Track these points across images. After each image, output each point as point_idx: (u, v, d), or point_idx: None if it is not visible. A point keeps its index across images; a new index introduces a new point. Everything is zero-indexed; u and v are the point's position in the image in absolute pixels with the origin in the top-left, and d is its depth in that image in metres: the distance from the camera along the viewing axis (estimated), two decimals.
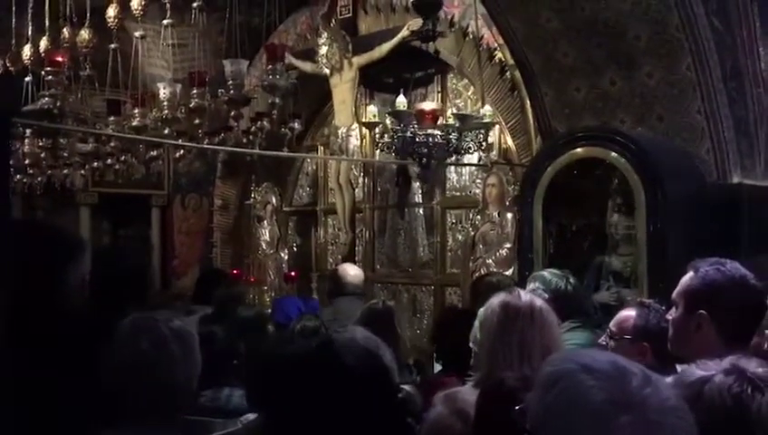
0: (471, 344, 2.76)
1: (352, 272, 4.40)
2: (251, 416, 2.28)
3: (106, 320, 2.23)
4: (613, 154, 4.29)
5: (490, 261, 5.96)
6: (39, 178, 5.48)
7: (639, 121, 4.58)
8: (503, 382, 1.64)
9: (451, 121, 4.35)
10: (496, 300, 2.11)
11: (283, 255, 7.72)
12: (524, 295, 2.12)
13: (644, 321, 2.54)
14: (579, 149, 4.46)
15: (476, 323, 2.62)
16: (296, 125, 4.93)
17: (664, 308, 2.51)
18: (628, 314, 2.57)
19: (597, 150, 4.40)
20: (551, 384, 1.13)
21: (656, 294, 3.28)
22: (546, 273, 2.98)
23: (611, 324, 2.60)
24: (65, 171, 5.42)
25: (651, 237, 4.21)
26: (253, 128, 4.41)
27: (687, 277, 2.18)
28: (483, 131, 4.56)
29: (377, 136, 4.90)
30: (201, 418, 2.35)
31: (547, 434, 1.10)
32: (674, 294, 2.22)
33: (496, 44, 5.48)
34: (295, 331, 2.73)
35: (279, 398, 1.46)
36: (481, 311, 2.15)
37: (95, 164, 5.19)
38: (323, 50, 6.68)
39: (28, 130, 4.64)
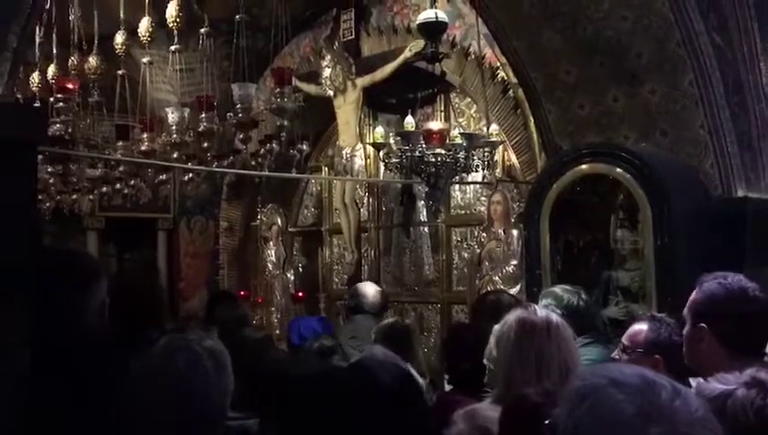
0: (485, 361, 2.78)
1: (371, 290, 4.42)
2: None
3: (126, 344, 2.26)
4: (618, 170, 4.32)
5: (496, 278, 5.97)
6: (47, 204, 5.52)
7: (643, 137, 4.62)
8: (525, 398, 1.65)
9: (458, 141, 4.39)
10: (512, 316, 2.13)
11: (289, 275, 7.74)
12: (540, 311, 2.14)
13: (656, 334, 2.56)
14: (584, 166, 4.50)
15: (491, 339, 2.64)
16: (304, 147, 4.98)
17: (675, 322, 2.54)
18: (640, 327, 2.59)
19: (602, 167, 4.44)
20: (580, 399, 1.14)
21: (664, 309, 3.30)
22: (558, 289, 3.00)
23: (624, 338, 2.62)
24: (74, 196, 5.46)
25: (658, 252, 4.23)
26: (262, 150, 4.46)
27: (694, 292, 2.21)
28: (489, 150, 4.60)
29: (383, 156, 4.94)
30: None
31: None
32: (684, 310, 2.25)
33: (499, 63, 5.54)
34: (312, 350, 2.74)
35: (311, 421, 1.47)
36: (497, 327, 2.17)
37: (104, 189, 5.23)
38: (327, 72, 6.75)
39: (39, 157, 4.68)
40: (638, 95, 4.54)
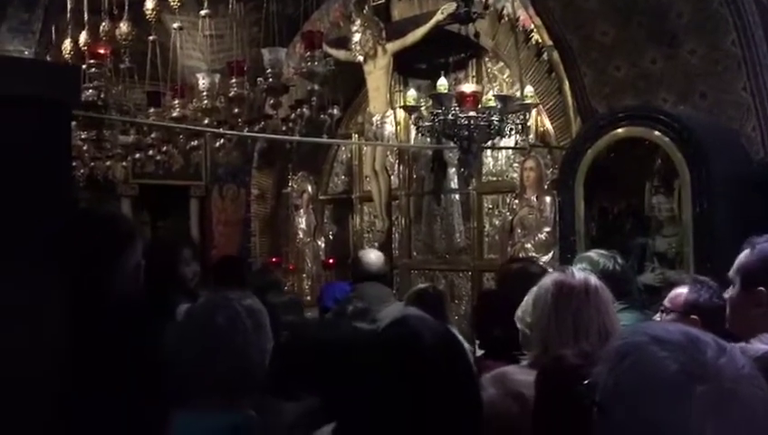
0: (518, 325, 2.75)
1: (374, 255, 4.35)
2: None
3: (161, 306, 2.28)
4: (656, 133, 4.23)
5: (529, 245, 5.93)
6: (82, 171, 5.58)
7: (682, 100, 4.51)
8: (563, 359, 1.62)
9: (491, 103, 4.31)
10: (549, 279, 2.10)
11: (320, 243, 7.77)
12: (578, 273, 2.09)
13: (696, 295, 2.52)
14: (620, 130, 4.41)
15: (524, 303, 2.61)
16: (335, 111, 4.94)
17: (717, 286, 2.49)
18: (682, 290, 2.55)
19: (639, 130, 4.35)
20: (621, 357, 1.11)
21: (702, 275, 3.24)
22: (593, 253, 2.94)
23: (665, 301, 2.58)
24: (107, 163, 5.51)
25: (697, 217, 4.15)
26: (292, 115, 4.43)
27: (744, 255, 2.15)
28: (523, 114, 4.51)
29: (414, 119, 4.87)
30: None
31: (618, 408, 1.09)
32: (731, 272, 2.19)
33: (533, 26, 5.42)
34: (346, 313, 2.74)
35: (353, 381, 1.47)
36: (533, 290, 2.13)
37: (137, 155, 5.27)
38: (357, 37, 6.67)
39: (73, 123, 4.72)
40: (677, 56, 4.41)
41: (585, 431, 1.36)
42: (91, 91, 3.86)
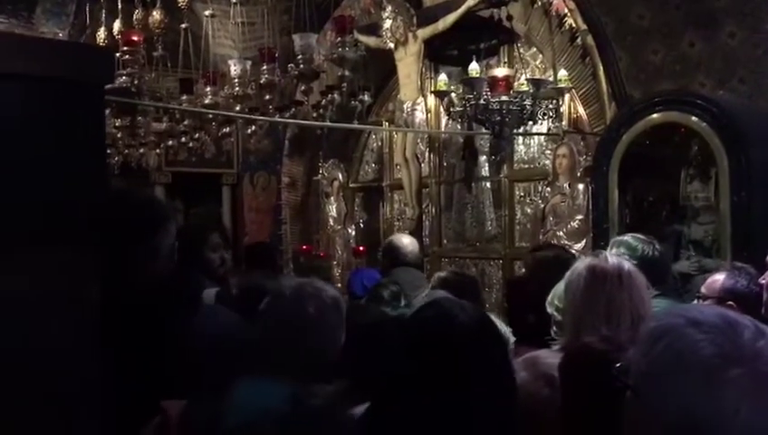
0: (550, 311, 2.72)
1: (406, 240, 4.32)
2: None
3: (195, 287, 2.30)
4: (693, 118, 4.14)
5: (561, 233, 5.86)
6: (116, 159, 5.66)
7: (720, 84, 4.41)
8: (587, 345, 1.60)
9: (524, 88, 4.25)
10: (582, 264, 2.07)
11: (350, 230, 7.79)
12: (611, 258, 2.06)
13: (733, 281, 2.48)
14: (656, 115, 4.32)
15: (556, 289, 2.58)
16: (366, 97, 4.93)
17: (757, 272, 2.43)
18: (719, 276, 2.51)
19: (676, 115, 4.25)
20: (655, 339, 1.09)
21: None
22: (630, 238, 2.89)
23: (702, 287, 2.53)
24: (141, 150, 5.58)
25: (734, 205, 4.06)
26: (323, 101, 4.43)
27: None
28: (557, 99, 4.45)
29: (446, 103, 4.83)
30: None
31: (652, 390, 1.07)
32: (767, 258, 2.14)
33: (567, 10, 5.33)
34: (381, 297, 2.73)
35: (390, 362, 1.47)
36: (566, 275, 2.11)
37: (170, 143, 5.32)
38: (387, 24, 6.63)
39: (107, 110, 4.79)
40: (715, 39, 4.31)
41: (614, 417, 1.34)
42: (124, 77, 3.90)
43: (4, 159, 1.50)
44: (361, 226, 7.97)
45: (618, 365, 1.19)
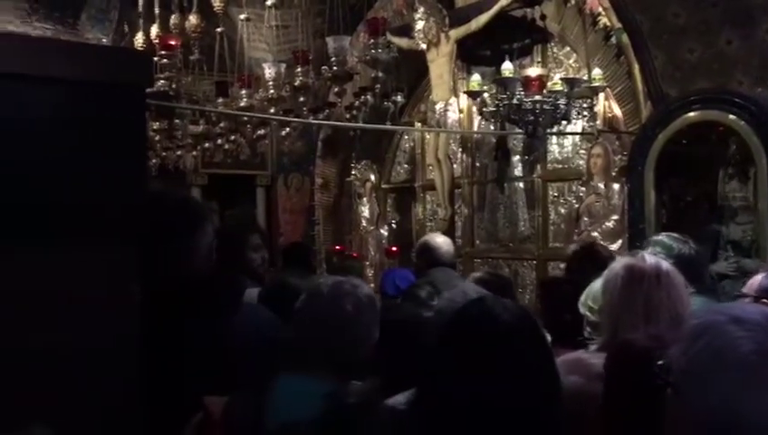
0: (583, 311, 2.70)
1: (440, 240, 4.30)
2: None
3: (234, 287, 2.34)
4: (731, 117, 4.09)
5: (595, 234, 5.80)
6: (154, 161, 5.76)
7: (759, 82, 4.34)
8: (632, 342, 1.59)
9: (558, 87, 4.23)
10: (619, 263, 2.05)
11: (382, 231, 7.81)
12: (649, 258, 2.04)
13: None
14: (692, 114, 4.28)
15: (591, 289, 2.56)
16: (399, 98, 4.95)
17: None
18: (759, 275, 2.47)
19: (713, 114, 4.21)
20: (696, 336, 1.09)
21: None
22: (665, 238, 2.86)
23: (744, 287, 2.51)
24: (178, 153, 5.67)
25: None
26: (356, 103, 4.46)
27: None
28: (591, 98, 4.41)
29: (478, 105, 4.82)
30: None
31: (692, 387, 1.06)
32: None
33: (601, 8, 5.28)
34: (419, 296, 2.74)
35: (431, 360, 1.49)
36: (603, 274, 2.09)
37: (206, 145, 5.41)
38: (420, 25, 6.63)
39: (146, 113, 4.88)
40: (753, 37, 4.24)
41: (656, 415, 1.34)
42: (162, 81, 3.98)
43: (50, 160, 1.54)
44: (394, 226, 7.98)
45: (659, 363, 1.19)
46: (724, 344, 1.06)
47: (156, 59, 4.26)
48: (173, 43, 4.05)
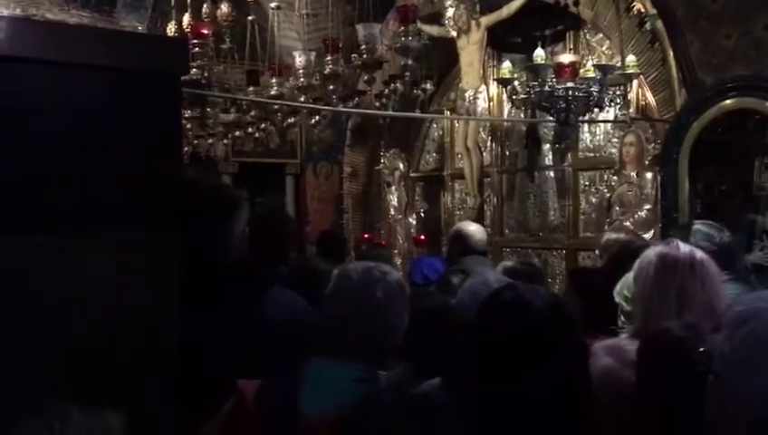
0: (618, 300, 2.68)
1: (473, 228, 4.29)
2: None
3: (264, 272, 2.37)
4: None
5: (627, 223, 5.73)
6: (186, 148, 5.81)
7: None
8: (668, 331, 1.58)
9: (591, 74, 4.18)
10: (653, 251, 2.03)
11: (411, 220, 7.81)
12: (683, 246, 2.01)
13: None
14: (728, 101, 4.20)
15: (627, 279, 2.54)
16: (428, 86, 4.93)
17: None
18: None
19: (750, 101, 4.12)
20: (740, 323, 1.08)
21: None
22: (702, 226, 2.82)
23: None
24: (209, 141, 5.72)
25: None
26: (386, 91, 4.45)
27: None
28: (624, 85, 4.34)
29: (509, 91, 4.77)
30: None
31: (735, 375, 1.06)
32: None
33: None
34: (454, 285, 2.74)
35: (464, 346, 1.49)
36: (636, 264, 2.07)
37: (236, 133, 5.45)
38: (450, 12, 6.60)
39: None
40: None
41: (693, 403, 1.32)
42: (194, 69, 4.01)
43: (90, 147, 1.57)
44: (422, 215, 7.98)
45: (701, 350, 1.18)
46: (767, 331, 1.05)
47: (188, 48, 4.30)
48: (205, 31, 4.09)
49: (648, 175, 5.52)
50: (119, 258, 1.54)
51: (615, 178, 5.92)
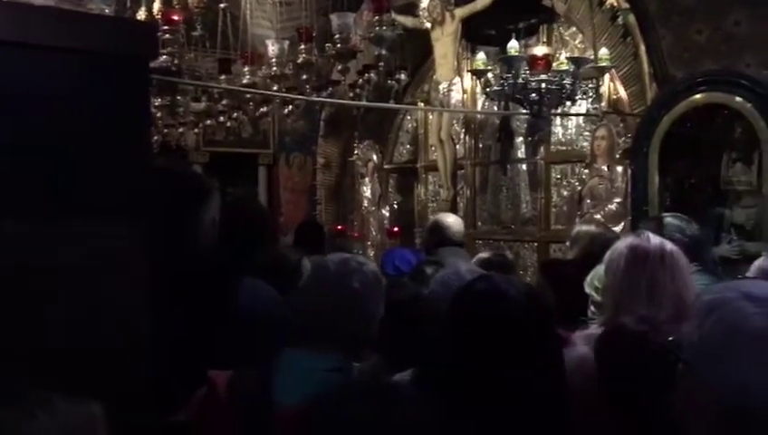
0: (589, 291, 2.70)
1: (451, 219, 4.30)
2: None
3: (235, 261, 2.33)
4: (738, 99, 4.06)
5: (598, 216, 5.79)
6: (156, 138, 5.73)
7: (766, 65, 4.29)
8: (623, 326, 1.59)
9: (564, 67, 4.19)
10: (623, 243, 2.04)
11: (384, 211, 7.80)
12: (653, 238, 2.03)
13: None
14: (698, 96, 4.24)
15: (598, 270, 2.55)
16: (402, 76, 4.92)
17: None
18: (761, 259, 2.46)
19: (719, 96, 4.17)
20: (708, 312, 1.09)
21: None
22: (673, 219, 2.85)
23: (749, 271, 2.50)
24: (180, 130, 5.64)
25: None
26: (360, 81, 4.43)
27: None
28: (597, 79, 4.37)
29: (483, 82, 4.77)
30: None
31: (704, 363, 1.06)
32: None
33: None
34: (428, 275, 2.74)
35: (439, 332, 1.49)
36: (607, 253, 2.08)
37: (208, 122, 5.38)
38: (425, 3, 6.58)
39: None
40: (762, 18, 4.20)
41: (654, 395, 1.33)
42: (165, 56, 3.94)
43: (56, 132, 1.53)
44: (396, 207, 7.97)
45: (670, 339, 1.19)
46: (736, 320, 1.06)
47: (158, 34, 4.22)
48: (176, 18, 4.01)
49: (619, 168, 5.58)
50: (87, 246, 1.51)
51: (586, 171, 5.97)
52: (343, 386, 1.54)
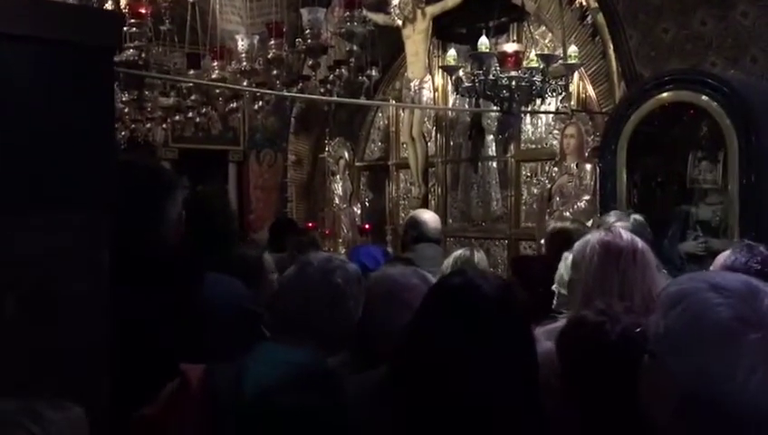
0: (555, 286, 2.71)
1: (428, 215, 4.31)
2: None
3: (200, 257, 2.30)
4: (704, 98, 4.11)
5: (567, 214, 5.83)
6: (123, 133, 5.64)
7: (732, 64, 4.37)
8: (584, 318, 1.59)
9: (534, 64, 4.22)
10: (595, 238, 2.03)
11: (356, 209, 7.78)
12: (625, 234, 2.03)
13: (733, 258, 2.44)
14: (665, 94, 4.29)
15: (563, 264, 2.56)
16: (374, 72, 4.90)
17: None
18: (725, 252, 2.48)
19: (685, 94, 4.22)
20: (674, 302, 1.09)
21: None
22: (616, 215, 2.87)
23: (711, 267, 2.52)
24: (148, 126, 5.55)
25: (743, 186, 4.04)
26: (331, 76, 4.40)
27: None
28: (566, 76, 4.40)
29: (454, 80, 4.78)
30: None
31: (669, 352, 1.06)
32: None
33: None
34: None
35: (413, 327, 1.47)
36: (576, 247, 2.08)
37: (176, 118, 5.30)
38: (396, 0, 6.58)
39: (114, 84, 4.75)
40: (728, 18, 4.26)
41: (615, 385, 1.33)
42: (131, 50, 3.87)
43: (16, 122, 1.49)
44: (367, 204, 7.96)
45: (638, 330, 1.19)
46: (701, 311, 1.06)
47: (125, 28, 4.14)
48: (143, 11, 3.94)
49: (588, 166, 5.63)
50: (46, 237, 1.47)
51: (556, 169, 6.02)
52: (293, 378, 1.54)
